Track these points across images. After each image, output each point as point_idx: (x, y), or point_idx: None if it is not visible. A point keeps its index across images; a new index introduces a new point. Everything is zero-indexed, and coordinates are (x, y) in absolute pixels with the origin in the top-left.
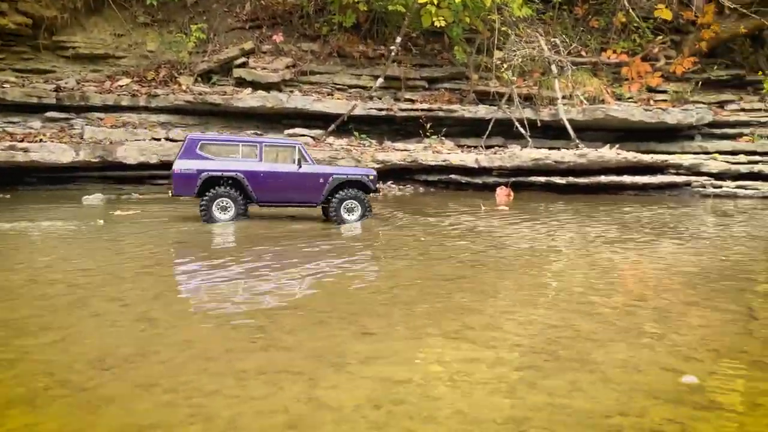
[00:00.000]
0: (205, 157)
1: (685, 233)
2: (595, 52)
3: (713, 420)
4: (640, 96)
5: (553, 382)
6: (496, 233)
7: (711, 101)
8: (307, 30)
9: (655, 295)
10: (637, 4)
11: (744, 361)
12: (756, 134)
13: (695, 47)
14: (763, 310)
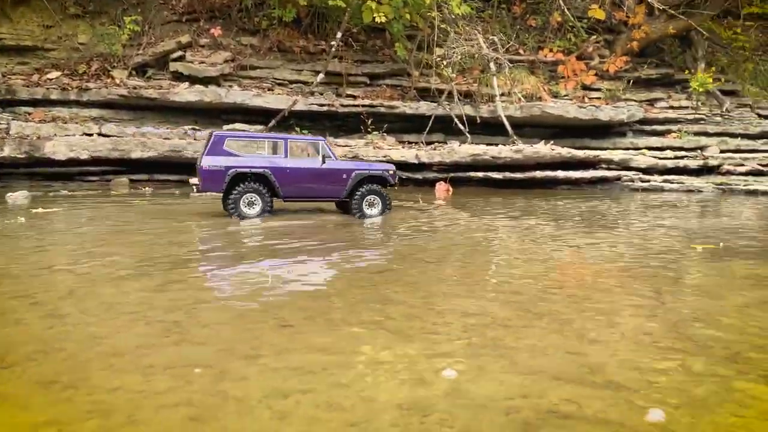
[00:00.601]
0: (231, 154)
1: (613, 225)
2: (533, 50)
3: (607, 398)
4: (575, 94)
5: (462, 367)
6: (431, 227)
7: (642, 99)
8: (247, 24)
9: (574, 282)
10: (571, 4)
11: (644, 344)
12: (683, 131)
13: (627, 47)
14: (671, 295)
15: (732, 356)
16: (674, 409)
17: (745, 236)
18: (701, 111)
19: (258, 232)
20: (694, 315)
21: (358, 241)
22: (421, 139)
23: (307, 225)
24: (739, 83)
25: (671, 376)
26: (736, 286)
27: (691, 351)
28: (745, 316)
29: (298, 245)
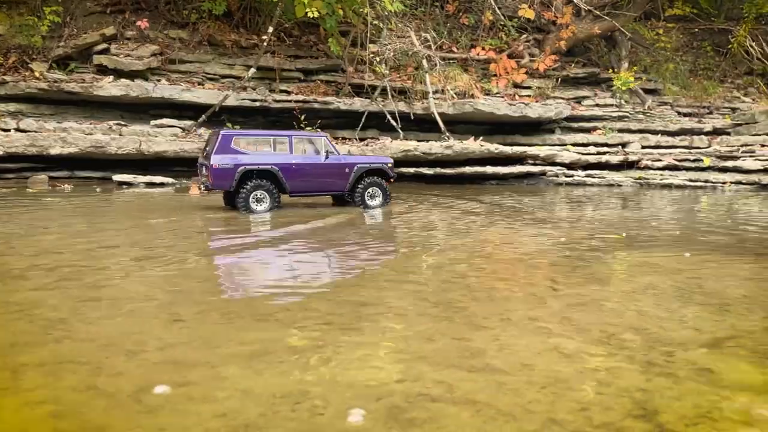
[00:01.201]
0: (239, 152)
1: (534, 217)
2: (466, 48)
3: (480, 381)
4: (506, 91)
5: (346, 357)
6: (349, 220)
7: (570, 97)
8: (175, 17)
9: (478, 273)
10: (502, 4)
11: (527, 329)
12: (607, 128)
13: (556, 46)
14: (565, 283)
15: (606, 338)
16: (541, 389)
17: (650, 227)
18: (625, 108)
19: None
20: (580, 301)
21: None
22: (355, 136)
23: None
24: (661, 82)
25: (545, 357)
26: (626, 273)
27: (568, 334)
28: (627, 300)
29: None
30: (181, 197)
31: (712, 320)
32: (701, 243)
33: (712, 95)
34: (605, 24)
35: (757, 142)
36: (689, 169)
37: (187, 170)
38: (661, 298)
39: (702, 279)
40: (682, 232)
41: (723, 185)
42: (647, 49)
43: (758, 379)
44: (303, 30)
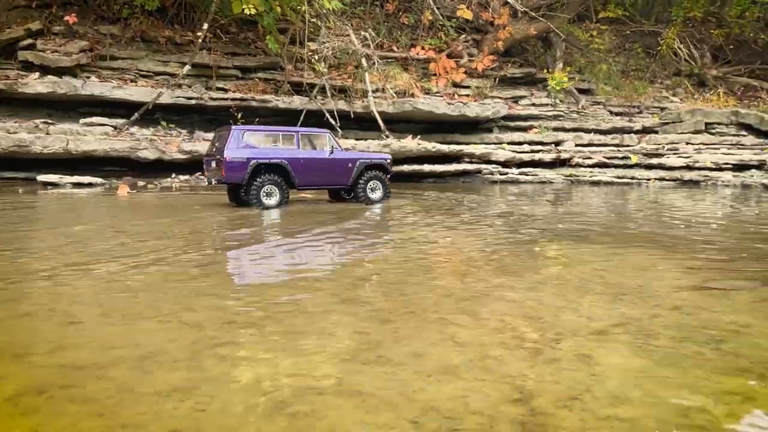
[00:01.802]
0: (250, 146)
1: (459, 213)
2: (406, 47)
3: (371, 372)
4: (446, 90)
5: (244, 353)
6: (278, 219)
7: (507, 96)
8: (105, 12)
9: (391, 267)
10: (441, 4)
11: (428, 321)
12: (543, 127)
13: (493, 46)
14: (472, 275)
15: (501, 327)
16: (427, 377)
17: (569, 222)
18: (560, 108)
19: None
20: (486, 293)
21: (197, 235)
22: None
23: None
24: (594, 82)
25: (438, 347)
26: (535, 266)
27: (467, 325)
28: (530, 291)
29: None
30: (110, 198)
31: (605, 309)
32: (615, 236)
33: (642, 95)
34: (541, 25)
35: (682, 140)
36: (618, 166)
37: (118, 170)
38: (563, 289)
39: (606, 270)
40: (600, 227)
41: (648, 182)
42: (581, 50)
43: (633, 363)
44: (241, 27)
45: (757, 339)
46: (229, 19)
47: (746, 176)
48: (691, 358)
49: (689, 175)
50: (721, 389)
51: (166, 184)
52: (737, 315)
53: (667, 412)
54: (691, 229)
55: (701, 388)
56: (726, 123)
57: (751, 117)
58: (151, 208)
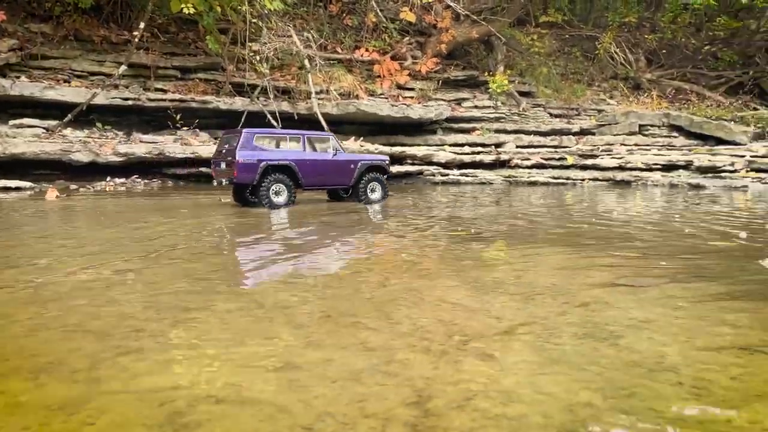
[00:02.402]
0: (260, 148)
1: (388, 216)
2: (350, 49)
3: (273, 379)
4: (390, 92)
5: (147, 364)
6: (202, 221)
7: (450, 99)
8: (36, 9)
9: (314, 271)
10: (385, 6)
11: (343, 325)
12: (485, 128)
13: (437, 49)
14: (396, 280)
15: (413, 330)
16: (331, 383)
17: (499, 222)
18: (502, 110)
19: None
20: (404, 296)
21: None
22: None
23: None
24: (535, 85)
25: (347, 352)
26: (456, 268)
27: (380, 329)
28: (447, 294)
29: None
30: (36, 203)
31: (515, 309)
32: (539, 236)
33: (580, 98)
34: (482, 29)
35: (617, 141)
36: (555, 167)
37: (49, 173)
38: (479, 290)
39: (524, 270)
40: (527, 228)
41: (582, 182)
42: (522, 53)
43: (532, 362)
44: (180, 27)
45: (652, 334)
46: (168, 18)
47: (674, 176)
48: (588, 354)
49: (621, 175)
50: (610, 384)
51: (100, 187)
52: (639, 311)
53: (554, 408)
54: (613, 228)
55: (591, 384)
56: (658, 125)
57: (682, 119)
58: (74, 214)
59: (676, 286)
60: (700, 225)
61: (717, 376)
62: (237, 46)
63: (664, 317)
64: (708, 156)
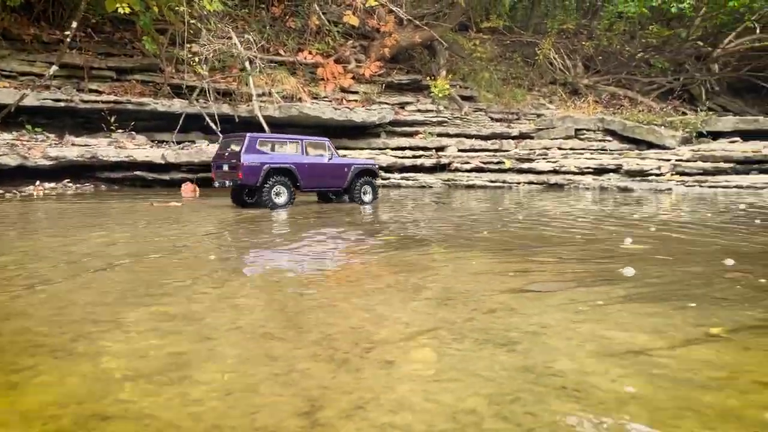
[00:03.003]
0: (263, 152)
1: (323, 221)
2: (293, 51)
3: (167, 393)
4: (334, 95)
5: (41, 380)
6: (122, 227)
7: (394, 102)
8: None
9: (236, 277)
10: (328, 9)
11: (251, 336)
12: (428, 132)
13: (380, 52)
14: (315, 288)
15: (321, 339)
16: (225, 396)
17: (429, 227)
18: (444, 114)
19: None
20: (318, 304)
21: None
22: (172, 139)
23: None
24: (477, 90)
25: (249, 364)
26: (377, 274)
27: (287, 338)
28: (361, 300)
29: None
30: None
31: (426, 315)
32: (466, 241)
33: (521, 102)
34: (425, 33)
35: (554, 145)
36: (493, 170)
37: None
38: (395, 296)
39: (443, 276)
40: (456, 231)
41: (518, 185)
42: (464, 58)
43: (430, 368)
44: (116, 26)
45: (548, 339)
46: (104, 17)
47: (604, 179)
48: (484, 360)
49: (555, 178)
50: (498, 390)
51: (27, 192)
52: (542, 317)
53: (439, 417)
54: (538, 232)
55: (480, 390)
56: (594, 129)
57: (615, 123)
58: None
59: (583, 291)
60: (619, 228)
61: (599, 380)
62: (176, 47)
63: (563, 322)
64: (637, 160)
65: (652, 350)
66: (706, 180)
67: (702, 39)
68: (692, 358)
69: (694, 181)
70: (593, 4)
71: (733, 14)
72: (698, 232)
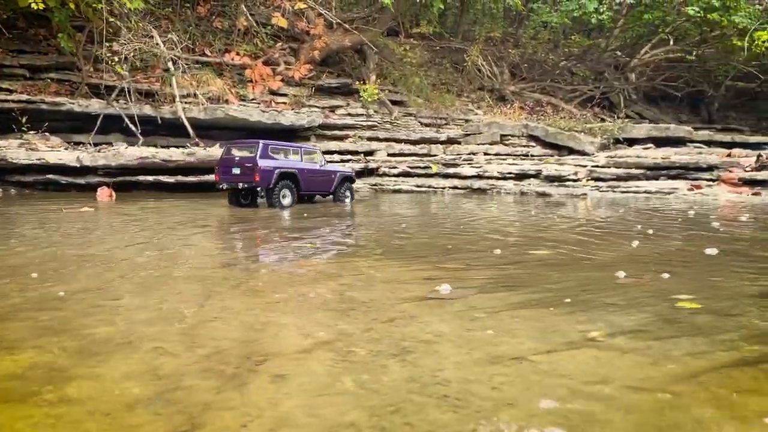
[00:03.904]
0: (273, 158)
1: (230, 227)
2: (220, 52)
3: (39, 414)
4: (262, 98)
5: None
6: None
7: (324, 106)
8: None
9: (132, 287)
10: (256, 11)
11: (142, 350)
12: (358, 136)
13: (310, 55)
14: (218, 298)
15: (213, 353)
16: (104, 416)
17: (349, 234)
18: (374, 118)
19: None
20: (219, 315)
21: None
22: (89, 140)
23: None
24: (406, 94)
25: (134, 381)
26: (288, 283)
27: (178, 353)
28: (265, 312)
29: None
30: None
31: (326, 326)
32: (380, 248)
33: (450, 107)
34: (355, 37)
35: (480, 150)
36: (420, 175)
37: None
38: (298, 307)
39: (349, 285)
40: (372, 238)
41: (443, 190)
42: (394, 63)
43: (322, 380)
44: (30, 22)
45: (440, 348)
46: (16, 12)
47: (525, 185)
48: (375, 371)
49: (478, 183)
50: (382, 402)
51: None
52: (437, 325)
53: (319, 430)
54: (453, 238)
55: (365, 402)
56: (518, 135)
57: (538, 129)
58: None
59: (482, 297)
60: (531, 234)
61: (480, 388)
62: (94, 45)
63: (457, 330)
64: (555, 166)
65: (535, 356)
66: (618, 185)
67: (620, 49)
68: (571, 363)
69: (608, 186)
70: (519, 14)
71: (649, 26)
72: (602, 239)
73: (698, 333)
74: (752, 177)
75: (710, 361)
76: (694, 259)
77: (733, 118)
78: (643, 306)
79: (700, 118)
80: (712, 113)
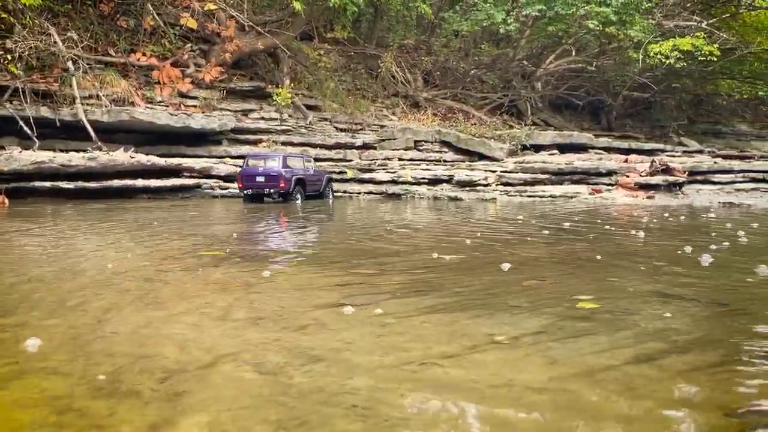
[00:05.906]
0: (289, 167)
1: (145, 233)
2: (125, 52)
3: None
4: (171, 100)
5: None
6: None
7: (237, 109)
8: None
9: (44, 295)
10: (164, 10)
11: (28, 369)
12: (272, 140)
13: (221, 58)
14: (119, 309)
15: (112, 372)
16: None
17: (259, 240)
18: (289, 122)
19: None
20: (117, 330)
21: None
22: None
23: None
24: (321, 99)
25: (17, 407)
26: (196, 292)
27: (69, 373)
28: (169, 323)
29: None
30: None
31: (233, 337)
32: (291, 255)
33: (364, 113)
34: (267, 41)
35: (395, 156)
36: (336, 180)
37: None
38: (205, 318)
39: (260, 293)
40: (284, 244)
41: (359, 195)
42: (309, 68)
43: (226, 394)
44: None
45: (351, 355)
46: None
47: (437, 190)
48: (282, 383)
49: (393, 188)
50: (288, 415)
51: None
52: (349, 332)
53: None
54: (364, 243)
55: (270, 416)
56: (431, 141)
57: (451, 135)
58: None
59: (394, 302)
60: (442, 238)
61: (388, 396)
62: None
63: (368, 336)
64: (467, 171)
65: (443, 360)
66: (526, 190)
67: (527, 59)
68: (479, 366)
69: (516, 191)
70: (431, 22)
71: (553, 38)
72: (508, 243)
73: (597, 332)
74: (647, 182)
75: (608, 359)
76: (593, 260)
77: (630, 126)
78: (546, 307)
79: (600, 125)
80: (611, 121)
